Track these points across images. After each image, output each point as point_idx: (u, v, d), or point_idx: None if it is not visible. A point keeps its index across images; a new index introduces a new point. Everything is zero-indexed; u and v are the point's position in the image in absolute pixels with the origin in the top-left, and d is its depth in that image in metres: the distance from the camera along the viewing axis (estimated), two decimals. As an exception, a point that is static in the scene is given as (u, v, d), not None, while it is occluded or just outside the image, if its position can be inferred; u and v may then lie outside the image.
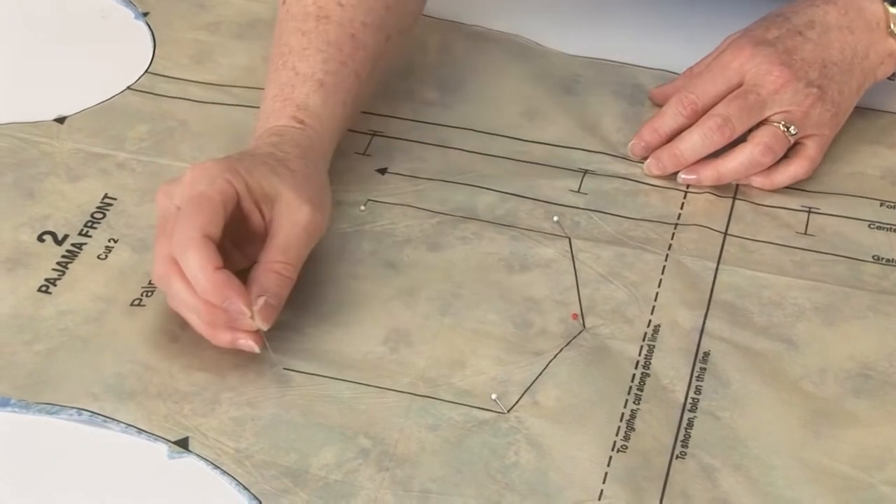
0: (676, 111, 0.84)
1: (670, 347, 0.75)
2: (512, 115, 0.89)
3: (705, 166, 0.83)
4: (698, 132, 0.83)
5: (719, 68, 0.84)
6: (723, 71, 0.83)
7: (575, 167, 0.85)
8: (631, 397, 0.73)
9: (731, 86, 0.83)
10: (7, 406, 0.72)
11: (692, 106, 0.83)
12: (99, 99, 0.89)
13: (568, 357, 0.74)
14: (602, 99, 0.90)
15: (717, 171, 0.83)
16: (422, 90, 0.91)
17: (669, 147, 0.84)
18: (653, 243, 0.81)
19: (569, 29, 0.96)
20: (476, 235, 0.81)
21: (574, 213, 0.82)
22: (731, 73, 0.83)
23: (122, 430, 0.71)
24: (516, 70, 0.92)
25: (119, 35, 0.94)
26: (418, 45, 0.93)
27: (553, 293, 0.78)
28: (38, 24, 0.95)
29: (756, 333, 0.76)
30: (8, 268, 0.78)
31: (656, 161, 0.84)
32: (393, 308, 0.77)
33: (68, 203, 0.82)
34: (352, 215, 0.82)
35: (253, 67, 0.91)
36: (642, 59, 0.93)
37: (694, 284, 0.78)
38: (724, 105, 0.82)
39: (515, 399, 0.72)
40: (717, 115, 0.82)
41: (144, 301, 0.77)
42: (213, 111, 0.88)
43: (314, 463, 0.69)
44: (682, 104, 0.84)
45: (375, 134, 0.87)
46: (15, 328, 0.75)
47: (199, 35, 0.94)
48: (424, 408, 0.72)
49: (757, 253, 0.80)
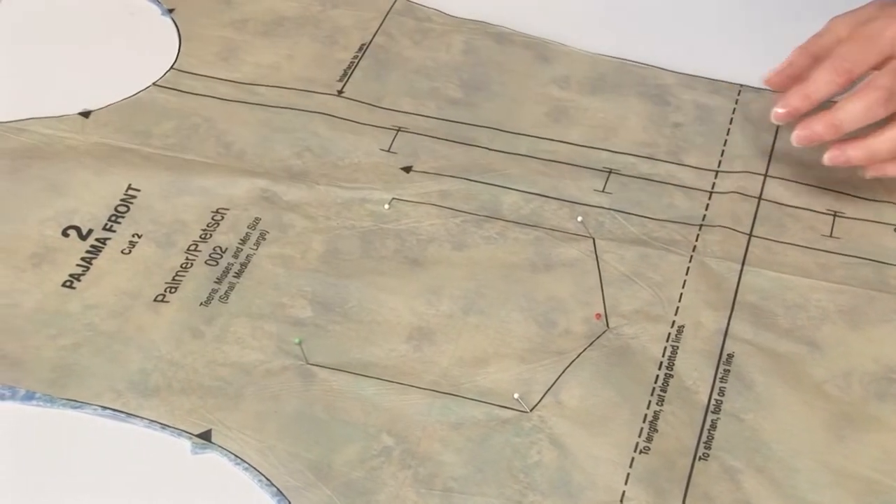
0: (830, 79, 0.79)
1: (694, 349, 0.75)
2: (537, 114, 0.89)
3: (855, 146, 0.79)
4: (862, 103, 0.78)
5: (869, 38, 0.79)
6: (874, 41, 0.79)
7: (600, 167, 0.85)
8: (654, 398, 0.73)
9: (883, 56, 0.79)
10: (32, 400, 0.72)
11: (847, 74, 0.79)
12: (124, 95, 0.89)
13: (591, 357, 0.74)
14: (627, 99, 0.90)
15: (870, 151, 0.79)
16: (447, 89, 0.91)
17: (824, 116, 0.79)
18: (677, 244, 0.80)
19: (593, 29, 0.95)
20: (500, 235, 0.81)
21: (598, 213, 0.82)
22: (884, 43, 0.79)
23: (146, 426, 0.71)
24: (541, 70, 0.92)
25: (145, 31, 0.95)
26: (443, 44, 0.94)
27: (577, 293, 0.78)
28: (65, 19, 0.96)
29: (780, 336, 0.76)
30: (33, 262, 0.78)
31: (807, 131, 0.79)
32: (417, 306, 0.77)
33: (93, 197, 0.82)
34: (376, 213, 0.82)
35: (278, 65, 0.92)
36: (667, 61, 0.93)
37: (718, 286, 0.78)
38: (886, 77, 0.78)
39: (538, 398, 0.72)
40: (882, 88, 0.78)
41: (168, 297, 0.77)
42: (237, 109, 0.88)
43: (337, 459, 0.69)
44: (836, 72, 0.79)
45: (400, 131, 0.87)
46: (40, 323, 0.75)
47: (225, 32, 0.94)
48: (447, 406, 0.72)
49: (781, 255, 0.80)
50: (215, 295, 0.77)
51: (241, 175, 0.84)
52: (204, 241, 0.80)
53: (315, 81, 0.91)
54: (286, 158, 0.85)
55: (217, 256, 0.79)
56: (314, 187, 0.83)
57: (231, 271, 0.78)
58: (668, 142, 0.87)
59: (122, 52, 0.93)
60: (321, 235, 0.81)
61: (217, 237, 0.80)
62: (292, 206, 0.82)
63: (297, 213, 0.82)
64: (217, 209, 0.82)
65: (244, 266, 0.79)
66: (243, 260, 0.79)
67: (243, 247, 0.80)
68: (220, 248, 0.80)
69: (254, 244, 0.80)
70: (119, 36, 0.94)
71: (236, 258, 0.79)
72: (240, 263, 0.79)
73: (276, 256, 0.79)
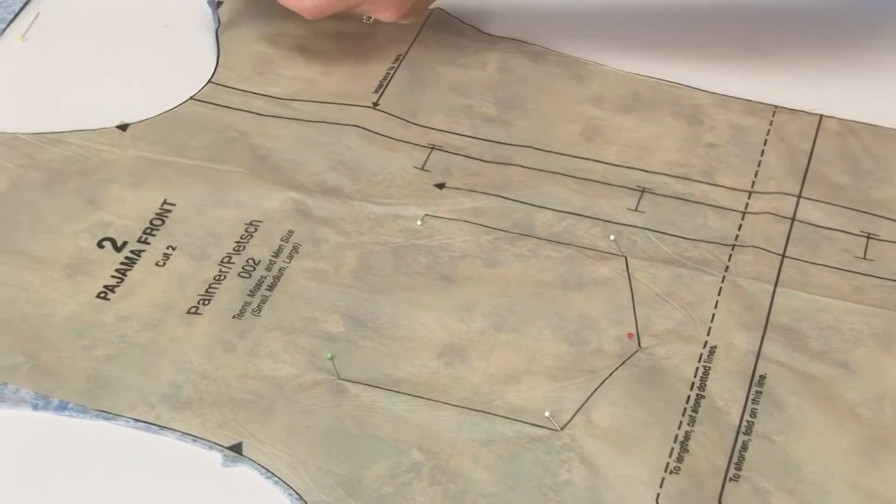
0: None
1: (726, 369, 0.75)
2: (571, 133, 0.89)
3: None
4: None
5: None
6: None
7: (633, 186, 0.85)
8: (685, 419, 0.72)
9: None
10: (65, 410, 0.72)
11: None
12: (162, 108, 0.89)
13: (623, 376, 0.74)
14: (661, 119, 0.90)
15: None
16: (481, 106, 0.91)
17: None
18: (710, 264, 0.80)
19: (628, 49, 0.96)
20: (533, 252, 0.81)
21: (631, 231, 0.82)
22: None
23: (178, 438, 0.71)
24: (575, 88, 0.92)
25: (182, 45, 0.95)
26: (478, 61, 0.94)
27: (609, 312, 0.78)
28: (101, 32, 0.96)
29: (813, 357, 0.75)
30: (68, 273, 0.79)
31: None
32: (448, 323, 0.77)
33: (128, 210, 0.83)
34: (409, 229, 0.82)
35: (314, 80, 0.92)
36: (701, 82, 0.93)
37: (751, 307, 0.78)
38: None
39: (569, 417, 0.72)
40: None
41: (201, 309, 0.77)
42: (273, 123, 0.89)
43: (367, 475, 0.70)
44: None
45: (434, 148, 0.87)
46: (74, 333, 0.76)
47: (263, 47, 0.94)
48: (478, 423, 0.72)
49: (815, 276, 0.80)
50: (248, 308, 0.77)
51: (276, 188, 0.84)
52: (237, 254, 0.80)
53: (351, 94, 0.91)
54: (320, 172, 0.86)
55: (250, 269, 0.79)
56: (348, 202, 0.84)
57: (264, 284, 0.79)
58: (701, 162, 0.87)
59: (159, 66, 0.93)
60: (354, 250, 0.81)
61: (250, 249, 0.81)
62: (326, 221, 0.83)
63: (331, 228, 0.82)
64: (251, 221, 0.82)
65: (277, 279, 0.79)
66: (276, 273, 0.79)
67: (276, 260, 0.80)
68: (254, 261, 0.80)
69: (287, 257, 0.80)
70: (156, 49, 0.95)
71: (269, 271, 0.79)
72: (273, 276, 0.79)
73: (308, 270, 0.80)
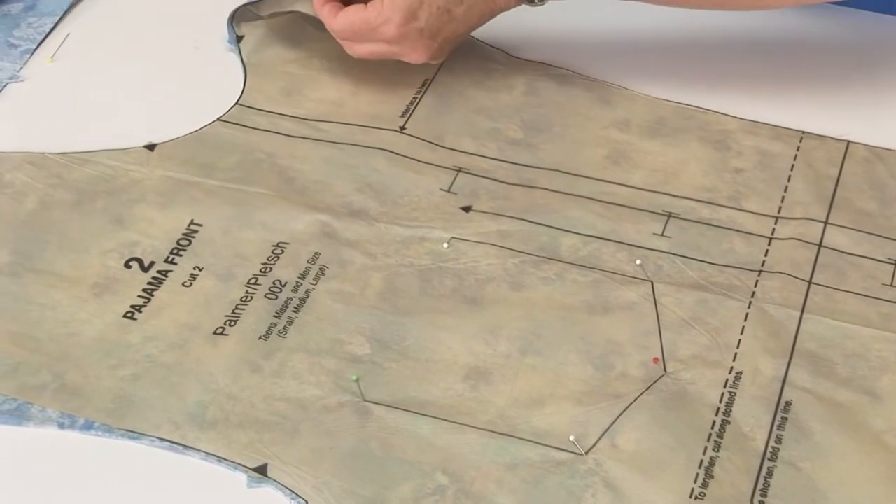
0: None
1: (751, 395, 0.75)
2: (597, 157, 0.89)
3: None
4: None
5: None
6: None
7: (659, 210, 0.85)
8: (710, 444, 0.72)
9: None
10: (91, 429, 0.73)
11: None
12: (189, 129, 0.90)
13: (648, 401, 0.74)
14: (688, 144, 0.90)
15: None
16: (507, 130, 0.91)
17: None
18: (736, 290, 0.80)
19: (655, 73, 0.96)
20: (558, 276, 0.81)
21: (657, 256, 0.82)
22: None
23: (203, 458, 0.71)
24: (602, 112, 0.93)
25: (211, 66, 0.96)
26: (505, 85, 0.94)
27: (634, 336, 0.78)
28: (130, 53, 0.97)
29: (839, 384, 0.75)
30: (95, 293, 0.79)
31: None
32: (474, 346, 0.77)
33: (156, 230, 0.83)
34: (435, 252, 0.82)
35: (342, 101, 0.92)
36: (728, 107, 0.93)
37: (777, 333, 0.78)
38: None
39: (594, 441, 0.72)
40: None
41: (227, 330, 0.77)
42: (300, 145, 0.89)
43: (392, 497, 0.69)
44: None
45: (461, 171, 0.88)
46: (101, 353, 0.76)
47: (290, 68, 0.95)
48: (503, 446, 0.72)
49: (842, 303, 0.80)
50: (274, 329, 0.77)
51: (302, 210, 0.84)
52: (264, 275, 0.81)
53: (378, 117, 0.91)
54: (347, 194, 0.86)
55: (277, 290, 0.80)
56: (374, 224, 0.84)
57: (290, 306, 0.79)
58: (728, 187, 0.87)
59: (187, 86, 0.94)
60: (380, 273, 0.81)
61: (277, 271, 0.81)
62: (352, 243, 0.83)
63: (357, 250, 0.82)
64: (277, 243, 0.83)
65: (303, 301, 0.79)
66: (302, 295, 0.80)
67: (303, 281, 0.80)
68: (280, 282, 0.80)
69: (313, 279, 0.80)
70: (185, 70, 0.96)
71: (295, 293, 0.80)
72: (299, 298, 0.79)
73: (335, 292, 0.80)
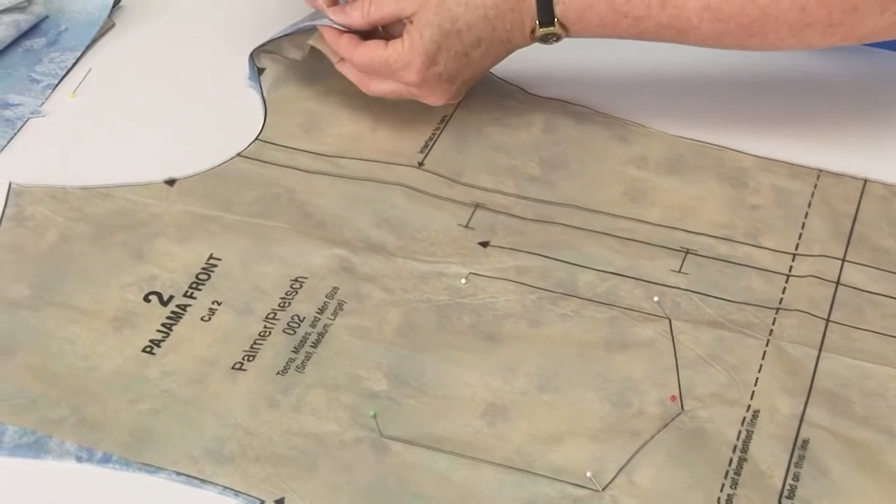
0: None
1: (769, 433, 0.74)
2: (614, 193, 0.89)
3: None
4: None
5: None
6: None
7: (677, 247, 0.85)
8: (728, 482, 0.72)
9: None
10: (108, 463, 0.73)
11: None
12: (209, 164, 0.90)
13: (665, 438, 0.74)
14: (705, 181, 0.90)
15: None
16: (525, 166, 0.91)
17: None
18: (754, 328, 0.80)
19: (671, 111, 0.96)
20: (576, 313, 0.81)
21: (675, 293, 0.82)
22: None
23: (220, 493, 0.71)
24: (619, 149, 0.93)
25: (230, 102, 0.96)
26: (523, 122, 0.94)
27: (652, 374, 0.78)
28: (151, 89, 0.98)
29: (857, 423, 0.75)
30: (115, 327, 0.80)
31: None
32: (492, 382, 0.77)
33: (175, 263, 0.83)
34: (453, 287, 0.82)
35: (361, 137, 0.93)
36: (745, 145, 0.93)
37: (795, 371, 0.78)
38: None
39: (611, 477, 0.72)
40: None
41: (246, 365, 0.78)
42: (319, 180, 0.90)
43: (409, 533, 0.70)
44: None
45: (478, 207, 0.88)
46: (120, 387, 0.76)
47: (309, 104, 0.95)
48: (520, 482, 0.72)
49: (860, 342, 0.80)
50: (292, 364, 0.78)
51: (321, 244, 0.85)
52: (282, 310, 0.81)
53: (396, 153, 0.92)
54: (365, 229, 0.86)
55: (295, 325, 0.80)
56: (392, 259, 0.84)
57: (308, 341, 0.79)
58: (745, 224, 0.87)
59: (206, 122, 0.95)
60: (398, 308, 0.81)
61: (295, 306, 0.81)
62: (370, 278, 0.83)
63: (375, 285, 0.83)
64: (296, 277, 0.83)
65: (321, 336, 0.79)
66: (321, 329, 0.80)
67: (321, 316, 0.81)
68: (298, 317, 0.80)
69: (331, 314, 0.81)
70: (204, 106, 0.96)
71: (314, 327, 0.80)
72: (317, 333, 0.80)
73: (353, 327, 0.80)
